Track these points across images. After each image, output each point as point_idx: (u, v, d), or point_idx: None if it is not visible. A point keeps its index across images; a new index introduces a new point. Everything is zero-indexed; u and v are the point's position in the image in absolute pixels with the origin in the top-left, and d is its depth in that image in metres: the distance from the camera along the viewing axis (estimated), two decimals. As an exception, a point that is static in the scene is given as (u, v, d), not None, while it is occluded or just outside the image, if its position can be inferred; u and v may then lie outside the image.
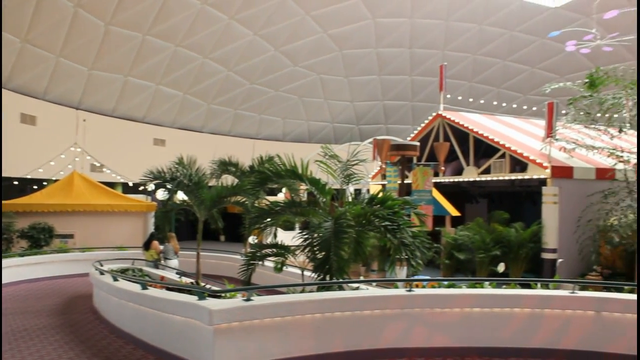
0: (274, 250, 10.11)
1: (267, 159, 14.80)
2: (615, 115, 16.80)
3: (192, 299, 8.13)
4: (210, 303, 7.69)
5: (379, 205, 9.44)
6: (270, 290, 10.35)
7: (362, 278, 14.64)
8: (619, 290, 9.27)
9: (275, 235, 11.23)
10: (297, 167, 9.97)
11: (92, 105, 27.34)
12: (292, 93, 33.74)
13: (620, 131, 15.63)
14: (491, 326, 8.70)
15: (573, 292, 8.72)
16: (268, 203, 10.44)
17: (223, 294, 8.61)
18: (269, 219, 10.34)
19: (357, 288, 9.44)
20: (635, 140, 16.68)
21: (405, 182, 14.47)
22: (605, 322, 8.48)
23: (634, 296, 8.75)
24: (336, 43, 31.54)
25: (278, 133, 35.71)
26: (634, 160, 15.32)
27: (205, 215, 13.88)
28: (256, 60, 30.43)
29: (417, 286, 9.40)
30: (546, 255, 15.51)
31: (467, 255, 16.78)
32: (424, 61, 33.95)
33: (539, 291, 9.00)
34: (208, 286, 10.52)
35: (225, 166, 16.73)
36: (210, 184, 14.99)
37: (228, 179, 16.25)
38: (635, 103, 15.33)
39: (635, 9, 20.23)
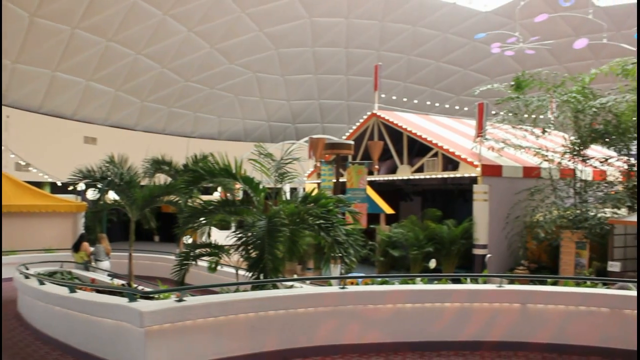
0: (208, 249, 9.99)
1: (202, 157, 14.62)
2: (541, 117, 17.53)
3: (123, 301, 7.93)
4: (142, 305, 7.53)
5: (312, 204, 9.49)
6: (204, 290, 10.21)
7: (295, 276, 14.65)
8: (543, 283, 9.67)
9: (209, 235, 11.10)
10: (230, 165, 9.88)
11: (16, 100, 26.16)
12: (228, 91, 33.40)
13: (544, 132, 16.30)
14: (423, 321, 8.90)
15: (500, 286, 9.04)
16: (201, 202, 10.31)
17: (155, 295, 8.45)
18: (203, 219, 10.21)
19: (291, 286, 9.45)
20: (558, 140, 17.45)
21: (340, 180, 14.60)
22: (530, 313, 8.84)
23: (557, 288, 9.16)
24: (272, 41, 31.44)
25: (213, 131, 35.28)
26: (558, 159, 16.02)
27: (138, 215, 13.56)
28: (191, 57, 29.94)
29: (351, 283, 9.51)
30: (477, 251, 15.98)
31: (402, 252, 17.10)
32: (359, 61, 34.30)
33: (468, 286, 9.28)
34: (140, 288, 10.28)
35: (158, 165, 16.41)
36: (143, 183, 14.67)
37: (161, 178, 15.95)
38: (559, 105, 16.03)
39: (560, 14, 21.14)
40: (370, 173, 18.48)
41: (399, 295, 8.82)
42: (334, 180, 14.76)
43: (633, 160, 15.66)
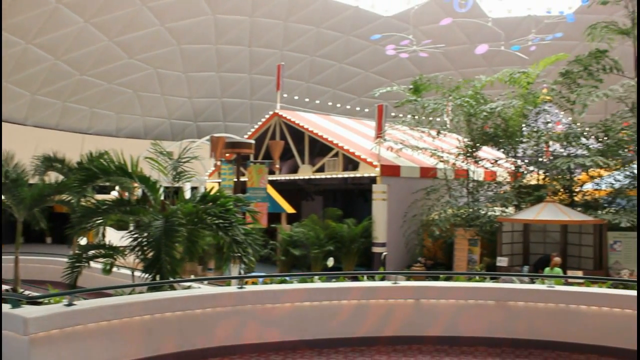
0: (102, 251, 9.62)
1: (98, 155, 14.02)
2: (438, 119, 18.29)
3: (5, 307, 7.44)
4: (26, 311, 7.10)
5: (211, 203, 9.37)
6: (98, 293, 9.82)
7: (193, 277, 14.42)
8: (436, 278, 10.09)
9: (103, 236, 10.69)
10: (126, 164, 9.56)
11: None
12: (127, 87, 32.23)
13: (439, 133, 17.02)
14: (321, 318, 9.02)
15: (395, 283, 9.33)
16: (95, 202, 9.90)
17: (44, 300, 8.00)
18: (98, 219, 9.82)
19: (189, 287, 9.28)
20: (453, 142, 18.26)
21: (241, 179, 14.53)
22: (423, 308, 9.21)
23: (448, 283, 9.59)
24: (174, 37, 30.69)
25: (111, 128, 33.93)
26: (452, 160, 16.77)
27: (25, 216, 12.82)
28: (87, 49, 28.61)
29: (253, 283, 9.50)
30: (376, 249, 16.42)
31: (302, 251, 17.26)
32: (263, 60, 34.21)
33: (365, 283, 9.52)
34: (27, 292, 9.73)
35: (50, 162, 15.57)
36: (32, 182, 13.88)
37: (53, 177, 15.17)
38: (454, 109, 16.80)
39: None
40: (272, 172, 18.51)
41: (297, 293, 8.89)
42: (235, 180, 14.65)
43: (519, 162, 16.67)
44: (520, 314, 9.07)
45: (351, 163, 17.74)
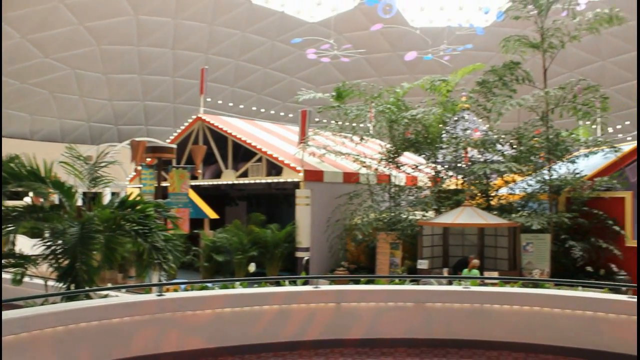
0: (11, 260, 9.16)
1: (8, 159, 13.35)
2: (361, 125, 18.60)
3: None
4: None
5: (130, 209, 9.12)
6: (7, 305, 9.33)
7: (110, 285, 13.97)
8: (357, 282, 10.24)
9: (13, 244, 10.19)
10: (39, 169, 9.16)
11: None
12: (42, 87, 30.90)
13: (362, 139, 17.30)
14: (243, 324, 8.97)
15: (317, 287, 9.40)
16: (6, 208, 9.41)
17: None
18: (8, 226, 9.32)
19: (106, 296, 8.99)
20: (376, 147, 18.61)
21: (162, 185, 14.23)
22: (344, 311, 9.32)
23: (369, 286, 9.74)
24: (94, 37, 29.73)
25: (25, 131, 32.39)
26: (375, 166, 17.07)
27: None
28: (-2, 48, 27.29)
29: (175, 290, 9.32)
30: (300, 254, 16.45)
31: (226, 257, 17.07)
32: (187, 63, 33.70)
33: (286, 288, 9.53)
34: None
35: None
36: None
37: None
38: (376, 115, 17.12)
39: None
40: (194, 178, 18.25)
41: (218, 300, 8.80)
42: (156, 185, 14.34)
43: (439, 167, 17.20)
44: (438, 315, 9.36)
45: (275, 168, 17.72)
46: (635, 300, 8.43)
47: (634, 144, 17.25)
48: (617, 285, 10.35)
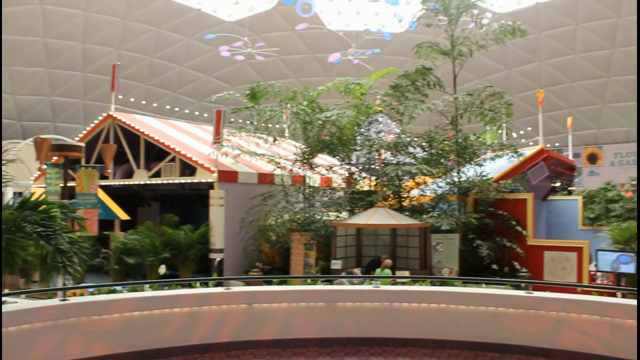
0: None
1: None
2: (277, 126, 18.61)
3: None
4: None
5: (31, 210, 8.69)
6: None
7: (7, 291, 13.25)
8: (270, 283, 10.25)
9: None
10: None
11: None
12: None
13: (275, 140, 17.34)
14: (152, 328, 8.78)
15: (228, 289, 9.35)
16: None
17: None
18: None
19: (2, 302, 8.52)
20: (291, 148, 18.69)
21: (69, 184, 13.65)
22: (256, 312, 9.32)
23: (281, 287, 9.78)
24: (-5, 26, 28.14)
25: None
26: (290, 167, 17.14)
27: None
28: None
29: (81, 294, 8.98)
30: (214, 255, 16.24)
31: (137, 260, 16.59)
32: (98, 58, 32.53)
33: (197, 290, 9.42)
34: None
35: None
36: None
37: None
38: (291, 117, 17.20)
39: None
40: (104, 177, 17.64)
41: (126, 303, 8.56)
42: (62, 185, 13.73)
43: (353, 169, 17.49)
44: (349, 314, 9.54)
45: (188, 168, 17.41)
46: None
47: (535, 149, 18.30)
48: (517, 282, 10.91)
